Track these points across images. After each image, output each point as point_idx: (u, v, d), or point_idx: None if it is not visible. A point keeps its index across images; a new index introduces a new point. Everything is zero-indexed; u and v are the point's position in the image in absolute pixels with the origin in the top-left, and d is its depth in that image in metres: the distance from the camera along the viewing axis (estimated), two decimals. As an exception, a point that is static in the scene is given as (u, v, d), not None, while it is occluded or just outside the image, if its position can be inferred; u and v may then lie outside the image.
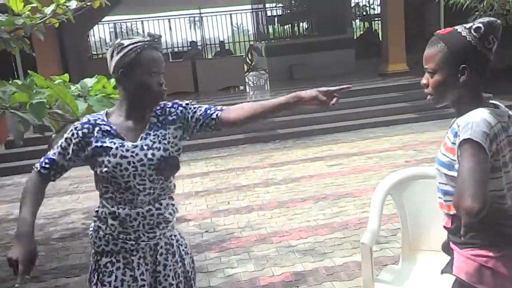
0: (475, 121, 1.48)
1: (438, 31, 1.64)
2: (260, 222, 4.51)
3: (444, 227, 1.70)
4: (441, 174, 1.63)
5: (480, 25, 1.54)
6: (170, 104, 1.92)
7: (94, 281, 1.86)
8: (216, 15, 16.97)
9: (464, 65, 1.55)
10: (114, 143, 1.78)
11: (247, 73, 13.70)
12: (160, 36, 1.86)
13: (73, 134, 1.82)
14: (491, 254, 1.54)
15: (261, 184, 5.71)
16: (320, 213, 4.59)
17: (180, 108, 1.91)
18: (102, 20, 14.41)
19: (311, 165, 6.32)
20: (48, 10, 3.73)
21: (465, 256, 1.59)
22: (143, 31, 16.98)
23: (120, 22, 17.44)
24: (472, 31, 1.54)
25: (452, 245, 1.65)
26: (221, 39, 16.17)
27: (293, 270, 3.53)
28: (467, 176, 1.41)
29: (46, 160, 1.85)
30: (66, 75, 3.43)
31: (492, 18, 1.58)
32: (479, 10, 5.58)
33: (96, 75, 3.30)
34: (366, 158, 6.41)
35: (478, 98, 1.59)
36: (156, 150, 1.81)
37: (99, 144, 1.78)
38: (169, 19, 16.76)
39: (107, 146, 1.78)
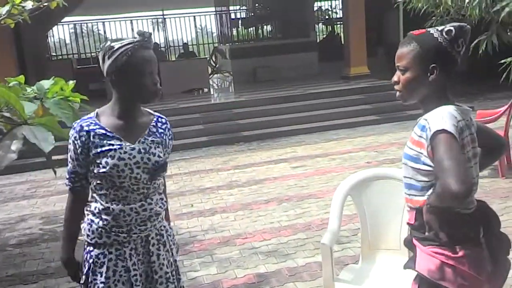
0: (445, 115, 1.56)
1: (411, 32, 1.72)
2: (223, 225, 4.50)
3: (408, 223, 1.74)
4: (408, 168, 1.69)
5: (452, 28, 1.63)
6: (169, 126, 2.02)
7: (85, 271, 1.91)
8: (179, 17, 16.82)
9: (434, 65, 1.63)
10: (113, 145, 1.83)
11: (211, 75, 13.65)
12: (151, 34, 1.87)
13: (75, 145, 1.86)
14: (453, 251, 1.59)
15: (225, 186, 5.70)
16: (284, 215, 4.62)
17: (171, 142, 2.03)
18: (62, 20, 14.06)
19: (275, 167, 6.36)
20: (3, 10, 3.62)
21: (427, 253, 1.63)
22: (104, 33, 16.70)
23: (81, 23, 17.06)
24: (444, 34, 1.63)
25: (415, 241, 1.69)
26: (185, 41, 16.06)
27: (256, 272, 3.54)
28: (447, 163, 1.47)
29: (72, 175, 1.91)
30: (22, 76, 3.33)
31: (463, 23, 1.66)
32: (436, 15, 5.73)
33: (53, 76, 3.22)
34: (329, 160, 6.50)
35: (444, 97, 1.67)
36: (152, 155, 1.89)
37: (98, 149, 1.83)
38: (131, 21, 16.49)
39: (107, 149, 1.82)
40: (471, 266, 1.59)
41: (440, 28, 1.65)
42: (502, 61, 4.54)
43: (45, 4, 3.78)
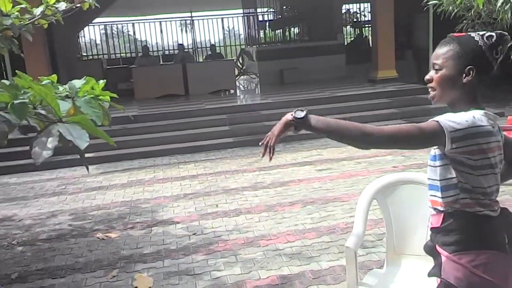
0: (461, 116, 1.56)
1: (452, 34, 1.73)
2: (248, 226, 4.51)
3: (431, 228, 1.72)
4: (429, 168, 1.70)
5: (493, 34, 1.64)
6: None
7: None
8: (207, 19, 16.98)
9: (470, 67, 1.63)
10: None
11: (237, 77, 13.73)
12: None
13: None
14: (480, 258, 1.58)
15: (250, 187, 5.72)
16: (308, 217, 4.61)
17: None
18: (93, 21, 14.35)
19: (300, 170, 6.35)
20: (37, 11, 3.72)
21: (453, 260, 1.61)
22: (134, 34, 16.96)
23: (111, 24, 17.39)
24: (485, 38, 1.63)
25: (439, 248, 1.67)
26: (212, 42, 16.18)
27: (280, 273, 3.54)
28: (399, 126, 1.61)
29: None
30: (54, 75, 3.41)
31: (504, 32, 1.67)
32: (467, 18, 5.63)
33: (85, 76, 3.29)
34: (355, 163, 6.45)
35: (475, 101, 1.66)
36: None
37: None
38: (160, 22, 16.74)
39: None
40: (499, 274, 1.57)
41: (481, 32, 1.66)
42: (535, 66, 4.43)
43: (78, 5, 3.87)
